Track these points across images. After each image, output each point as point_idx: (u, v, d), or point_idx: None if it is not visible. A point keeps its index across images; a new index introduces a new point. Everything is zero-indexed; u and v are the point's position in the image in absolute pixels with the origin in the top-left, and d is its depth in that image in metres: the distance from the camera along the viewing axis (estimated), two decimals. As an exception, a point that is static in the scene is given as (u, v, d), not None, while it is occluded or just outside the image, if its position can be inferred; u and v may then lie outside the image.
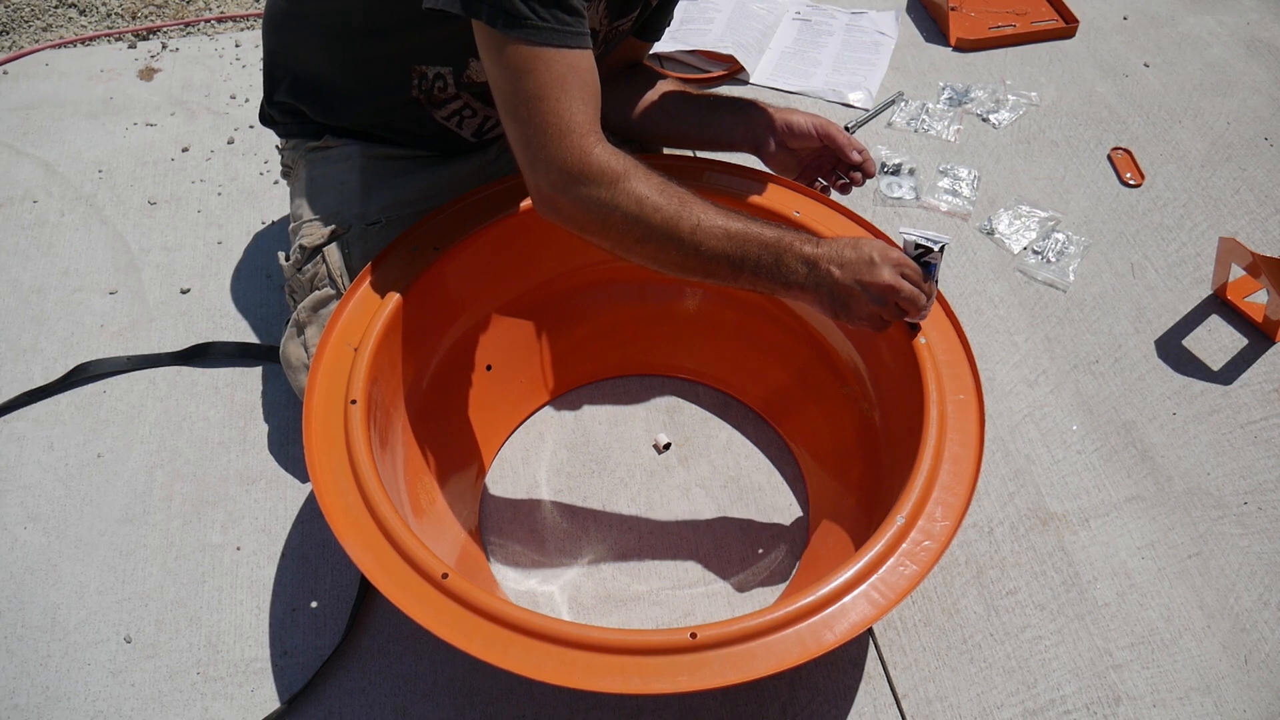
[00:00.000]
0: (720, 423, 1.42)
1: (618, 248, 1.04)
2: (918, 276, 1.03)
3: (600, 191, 0.99)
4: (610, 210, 0.99)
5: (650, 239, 1.01)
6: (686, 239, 1.00)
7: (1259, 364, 1.53)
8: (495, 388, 1.36)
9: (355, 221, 1.27)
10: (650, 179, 1.01)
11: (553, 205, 1.02)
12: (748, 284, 1.03)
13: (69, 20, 2.10)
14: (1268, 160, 1.86)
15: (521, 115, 0.99)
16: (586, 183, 0.99)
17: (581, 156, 0.98)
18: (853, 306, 1.02)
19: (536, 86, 0.97)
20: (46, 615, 1.20)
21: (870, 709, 1.16)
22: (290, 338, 1.28)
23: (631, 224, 1.00)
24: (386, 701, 1.14)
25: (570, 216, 1.02)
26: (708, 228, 1.00)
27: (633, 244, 1.02)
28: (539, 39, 0.96)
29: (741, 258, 1.01)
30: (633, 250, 1.03)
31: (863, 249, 1.01)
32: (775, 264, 1.01)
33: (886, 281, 1.00)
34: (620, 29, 1.24)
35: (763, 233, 1.01)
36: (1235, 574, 1.28)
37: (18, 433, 1.39)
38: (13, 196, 1.71)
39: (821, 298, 1.02)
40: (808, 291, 1.02)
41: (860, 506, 1.21)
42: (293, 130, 1.36)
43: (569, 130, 0.98)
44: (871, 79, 2.01)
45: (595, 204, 0.99)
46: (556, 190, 1.00)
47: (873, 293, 1.00)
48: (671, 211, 1.00)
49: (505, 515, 1.31)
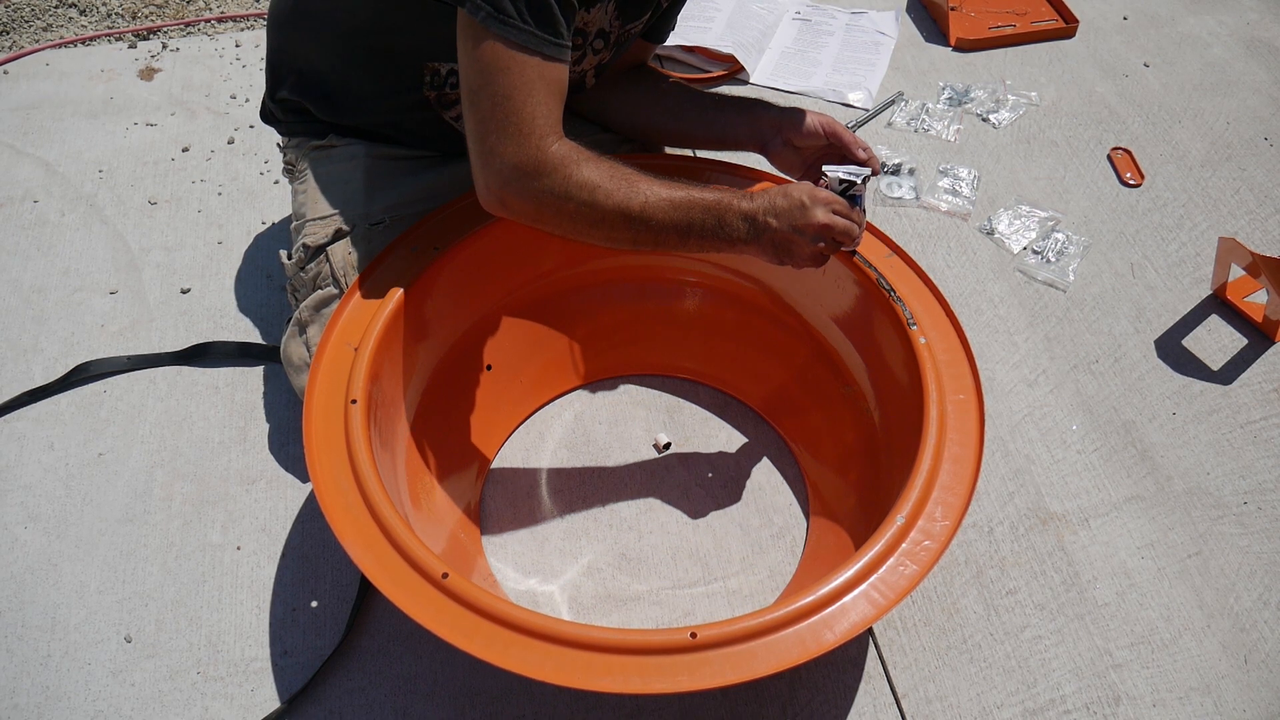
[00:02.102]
0: (720, 423, 1.42)
1: (570, 233, 1.08)
2: (846, 209, 1.08)
3: (553, 184, 1.03)
4: (564, 201, 1.04)
5: (603, 223, 1.05)
6: (637, 216, 1.05)
7: (1259, 364, 1.53)
8: (495, 388, 1.36)
9: (359, 221, 1.27)
10: (600, 165, 1.05)
11: (500, 199, 1.06)
12: (695, 248, 1.08)
13: (69, 20, 2.10)
14: (1268, 160, 1.87)
15: (485, 109, 1.02)
16: (539, 178, 1.03)
17: (537, 155, 1.02)
18: (794, 251, 1.07)
19: (507, 86, 1.01)
20: (46, 615, 1.21)
21: (870, 709, 1.16)
22: (292, 337, 1.28)
23: (585, 211, 1.04)
24: (386, 701, 1.14)
25: (520, 211, 1.07)
26: (655, 203, 1.05)
27: (586, 228, 1.07)
28: (518, 40, 1.00)
29: (687, 224, 1.06)
30: (586, 234, 1.08)
31: (793, 195, 1.06)
32: (718, 225, 1.06)
33: (821, 221, 1.05)
34: (631, 31, 1.24)
35: (704, 197, 1.06)
36: (1235, 574, 1.28)
37: (18, 432, 1.39)
38: (13, 196, 1.71)
39: (764, 248, 1.07)
40: (751, 245, 1.07)
41: (860, 506, 1.21)
42: (296, 129, 1.36)
43: (529, 132, 1.02)
44: (871, 79, 2.01)
45: (548, 196, 1.04)
46: (506, 186, 1.04)
47: (809, 234, 1.05)
48: (621, 195, 1.04)
49: (505, 515, 1.31)
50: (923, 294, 1.20)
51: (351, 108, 1.30)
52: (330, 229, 1.27)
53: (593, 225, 1.06)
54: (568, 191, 1.03)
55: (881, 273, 1.21)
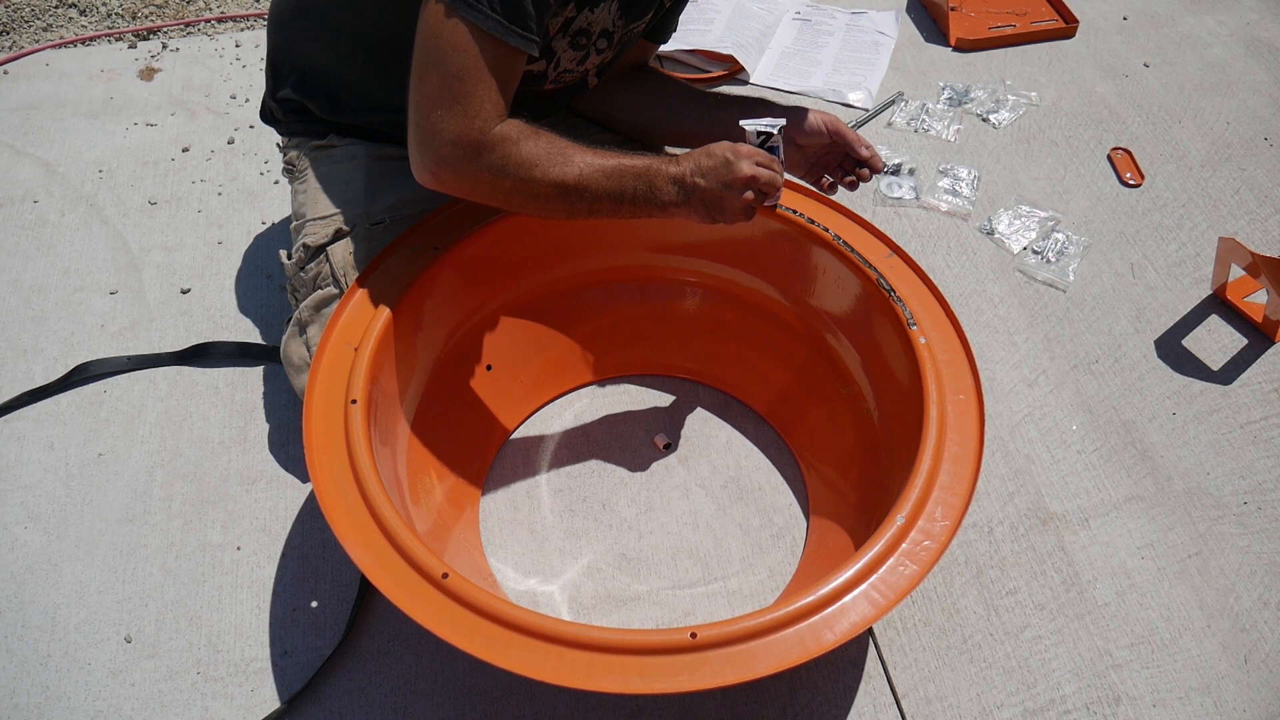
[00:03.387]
0: (720, 423, 1.42)
1: (504, 206, 1.13)
2: (769, 160, 1.10)
3: (491, 162, 1.05)
4: (501, 178, 1.07)
5: (539, 196, 1.08)
6: (572, 188, 1.08)
7: (1258, 364, 1.53)
8: (495, 388, 1.36)
9: (359, 221, 1.27)
10: (537, 141, 1.07)
11: (435, 175, 1.08)
12: (628, 214, 1.11)
13: (69, 20, 2.10)
14: (1268, 160, 1.87)
15: (433, 84, 1.04)
16: (478, 158, 1.05)
17: (479, 137, 1.04)
18: (725, 206, 1.09)
19: (461, 67, 1.02)
20: (46, 615, 1.21)
21: (870, 709, 1.16)
22: (292, 337, 1.28)
23: (522, 186, 1.07)
24: (386, 701, 1.14)
25: (454, 187, 1.09)
26: (589, 174, 1.08)
27: (521, 202, 1.10)
28: (483, 26, 1.01)
29: (620, 192, 1.09)
30: (519, 207, 1.11)
31: (715, 153, 1.08)
32: (649, 190, 1.09)
33: (747, 173, 1.07)
34: (635, 30, 1.24)
35: (634, 164, 1.09)
36: (1235, 574, 1.28)
37: (18, 432, 1.39)
38: (13, 196, 1.71)
39: (695, 209, 1.10)
40: (682, 208, 1.10)
41: (860, 506, 1.21)
42: (296, 129, 1.36)
43: (475, 114, 1.04)
44: (871, 79, 2.01)
45: (485, 174, 1.06)
46: (443, 164, 1.06)
47: (737, 187, 1.08)
48: (557, 170, 1.07)
49: (505, 515, 1.31)
50: (923, 294, 1.20)
51: (353, 106, 1.30)
52: (330, 229, 1.27)
53: (528, 199, 1.09)
54: (505, 169, 1.06)
55: (881, 273, 1.21)
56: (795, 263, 1.31)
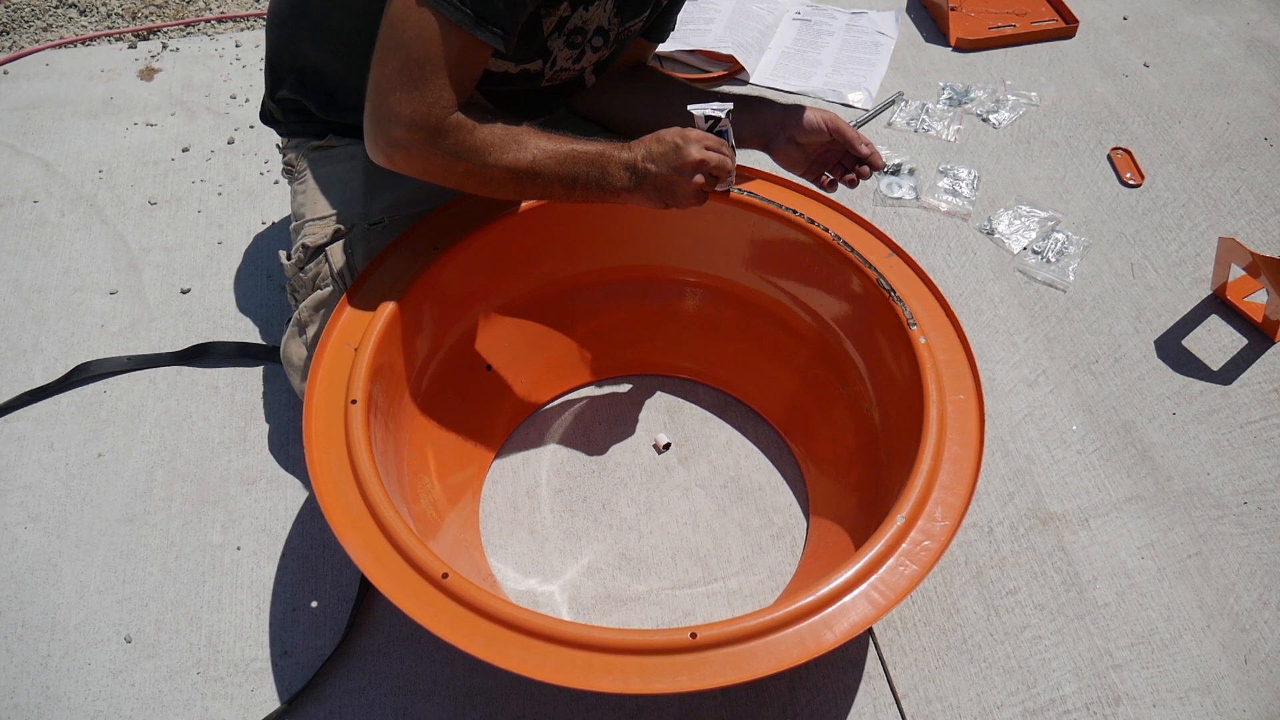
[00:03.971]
0: (720, 423, 1.42)
1: (455, 188, 1.13)
2: (718, 144, 1.11)
3: (446, 147, 1.06)
4: (455, 162, 1.08)
5: (492, 181, 1.10)
6: (525, 173, 1.09)
7: (1259, 364, 1.53)
8: (495, 388, 1.36)
9: (358, 221, 1.27)
10: (493, 127, 1.08)
11: (388, 157, 1.09)
12: (581, 198, 1.12)
13: (69, 20, 2.10)
14: (1268, 160, 1.86)
15: (394, 67, 1.04)
16: (433, 144, 1.06)
17: (435, 124, 1.05)
18: (675, 191, 1.10)
19: (424, 53, 1.03)
20: (46, 615, 1.21)
21: (870, 709, 1.16)
22: (291, 337, 1.28)
23: (475, 171, 1.08)
24: (386, 701, 1.14)
25: (407, 169, 1.10)
26: (542, 159, 1.09)
27: (474, 185, 1.11)
28: (452, 16, 1.01)
29: (573, 177, 1.10)
30: (476, 189, 1.12)
31: (665, 139, 1.09)
32: (602, 175, 1.10)
33: (696, 157, 1.08)
34: (631, 29, 1.24)
35: (587, 150, 1.10)
36: (1235, 574, 1.28)
37: (18, 433, 1.39)
38: (13, 196, 1.71)
39: (648, 194, 1.11)
40: (634, 193, 1.11)
41: (860, 506, 1.21)
42: (295, 129, 1.36)
43: (434, 101, 1.04)
44: (871, 79, 2.01)
45: (439, 158, 1.07)
46: (396, 148, 1.07)
47: (687, 171, 1.09)
48: (511, 156, 1.08)
49: (505, 515, 1.31)
50: (923, 294, 1.20)
51: (352, 106, 1.29)
52: (329, 229, 1.27)
53: (482, 183, 1.10)
54: (459, 154, 1.07)
55: (881, 273, 1.21)
56: (795, 263, 1.31)
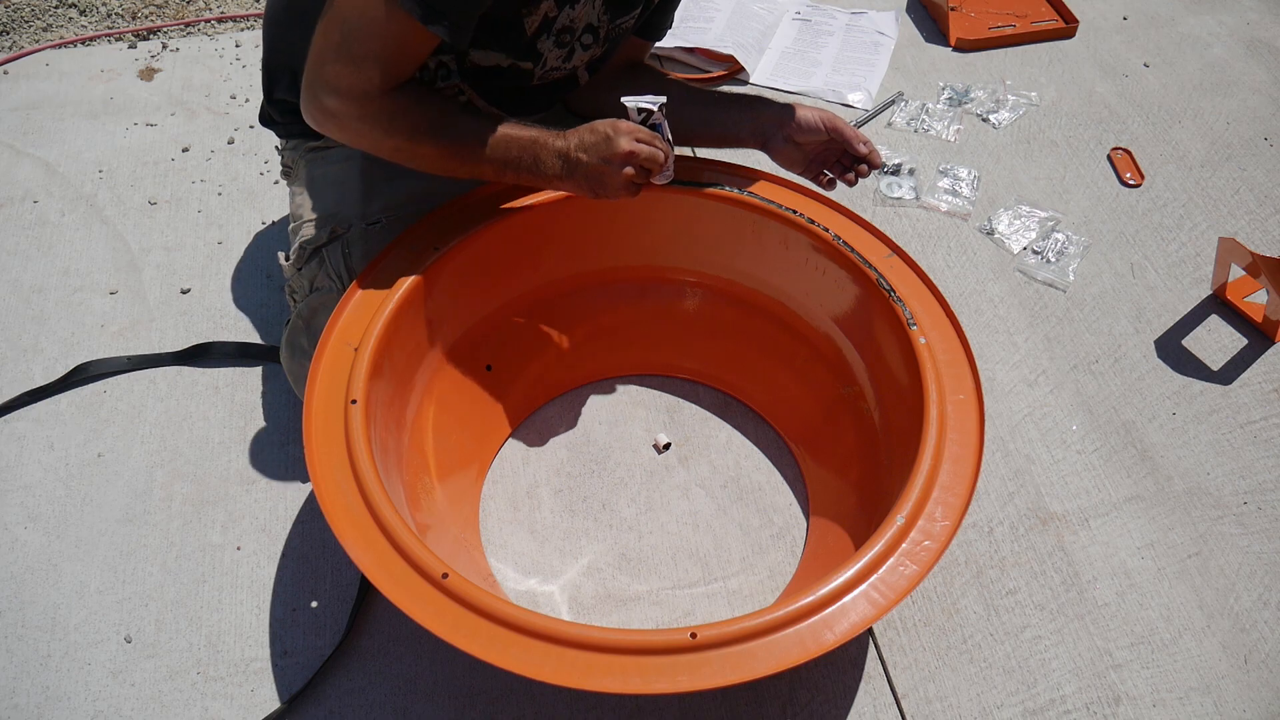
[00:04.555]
0: (720, 423, 1.42)
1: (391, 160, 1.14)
2: (650, 137, 1.11)
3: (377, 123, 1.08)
4: (385, 138, 1.10)
5: (420, 157, 1.12)
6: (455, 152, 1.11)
7: (1259, 364, 1.53)
8: (495, 388, 1.36)
9: (356, 221, 1.27)
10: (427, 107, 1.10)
11: (320, 124, 1.11)
12: (512, 180, 1.15)
13: (69, 20, 2.10)
14: (1268, 160, 1.86)
15: (335, 38, 1.05)
16: (364, 119, 1.08)
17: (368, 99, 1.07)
18: (606, 182, 1.11)
19: (367, 30, 1.04)
20: (46, 615, 1.21)
21: (870, 709, 1.16)
22: (291, 337, 1.28)
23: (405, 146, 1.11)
24: (386, 701, 1.14)
25: (339, 137, 1.13)
26: (473, 142, 1.10)
27: (405, 159, 1.13)
28: (402, 3, 1.01)
29: (504, 160, 1.12)
30: (405, 164, 1.14)
31: (598, 130, 1.10)
32: (534, 162, 1.12)
33: (626, 149, 1.09)
34: (622, 27, 1.24)
35: (521, 135, 1.11)
36: (1235, 574, 1.28)
37: (18, 432, 1.39)
38: (13, 196, 1.71)
39: (579, 183, 1.12)
40: (566, 181, 1.13)
41: (860, 506, 1.21)
42: (293, 130, 1.36)
43: (370, 76, 1.06)
44: (871, 79, 2.01)
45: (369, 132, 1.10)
46: (329, 119, 1.10)
47: (617, 162, 1.10)
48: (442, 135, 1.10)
49: (505, 515, 1.31)
50: (923, 294, 1.20)
51: None
52: (326, 230, 1.26)
53: (410, 159, 1.12)
54: (390, 130, 1.09)
55: (881, 273, 1.21)
56: (795, 263, 1.31)
